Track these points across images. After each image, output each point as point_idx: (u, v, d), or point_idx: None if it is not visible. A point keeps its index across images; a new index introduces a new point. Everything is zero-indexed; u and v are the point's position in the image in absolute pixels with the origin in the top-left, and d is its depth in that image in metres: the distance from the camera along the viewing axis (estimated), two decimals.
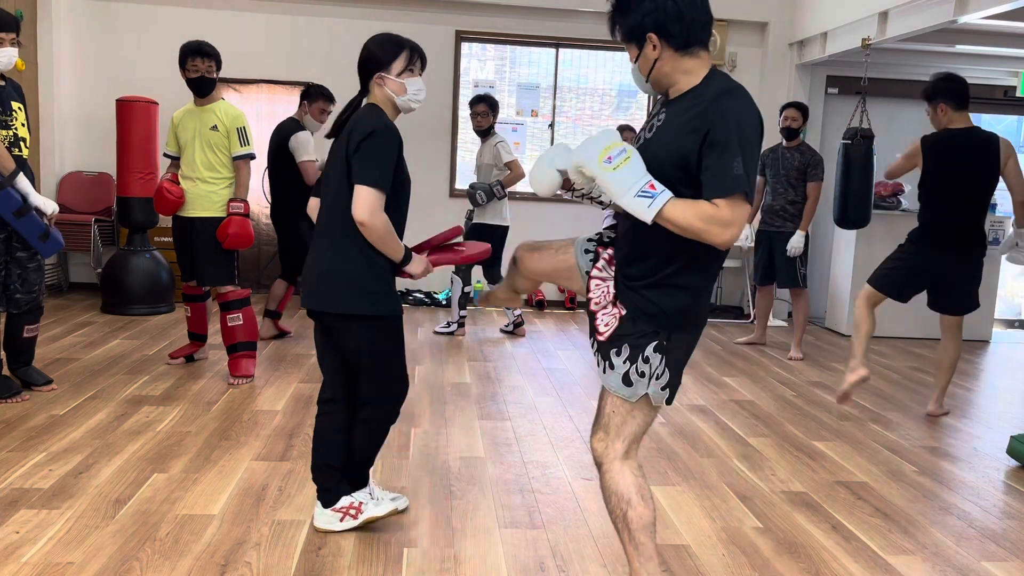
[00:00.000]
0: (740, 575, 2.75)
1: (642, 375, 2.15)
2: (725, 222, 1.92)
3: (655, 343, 2.13)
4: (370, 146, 2.63)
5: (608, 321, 2.19)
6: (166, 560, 2.63)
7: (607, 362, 2.19)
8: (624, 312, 2.16)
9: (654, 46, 2.02)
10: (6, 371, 4.29)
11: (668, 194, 1.94)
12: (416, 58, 2.78)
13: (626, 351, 2.15)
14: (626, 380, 2.16)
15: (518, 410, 4.51)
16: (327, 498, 2.89)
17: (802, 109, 6.24)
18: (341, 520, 2.87)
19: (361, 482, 2.96)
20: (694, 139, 1.96)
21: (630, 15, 2.04)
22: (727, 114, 1.95)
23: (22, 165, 4.11)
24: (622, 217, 2.18)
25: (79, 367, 4.88)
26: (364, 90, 2.80)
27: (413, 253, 2.81)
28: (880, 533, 3.12)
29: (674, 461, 3.81)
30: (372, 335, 2.75)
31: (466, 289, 6.44)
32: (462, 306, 6.46)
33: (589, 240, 2.37)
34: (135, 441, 3.69)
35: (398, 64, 2.73)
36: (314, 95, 5.75)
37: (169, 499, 3.09)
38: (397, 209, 2.78)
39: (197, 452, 3.59)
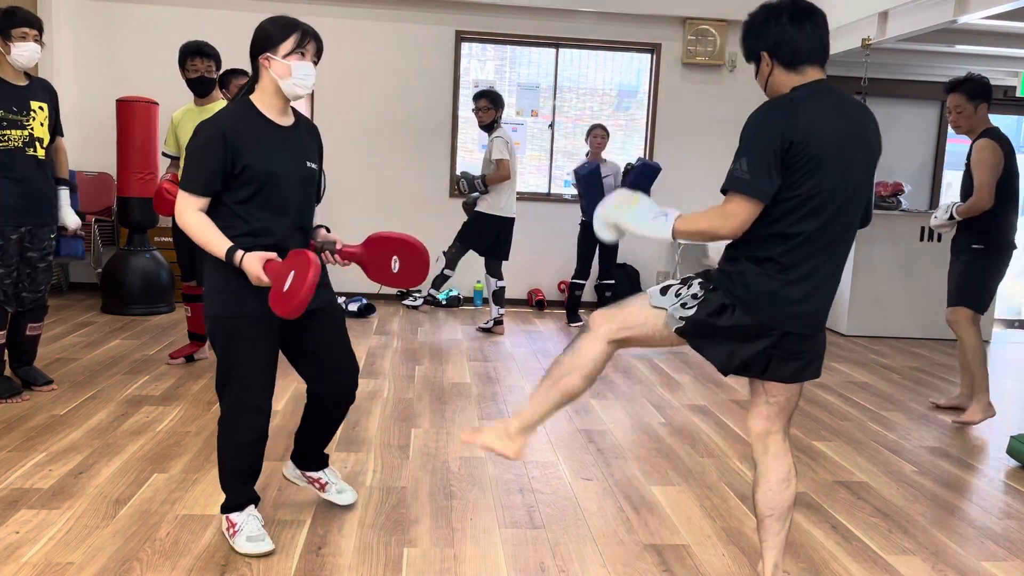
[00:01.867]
0: (740, 575, 2.75)
1: (677, 295, 2.35)
2: (724, 215, 2.21)
3: (704, 283, 2.34)
4: (188, 146, 2.61)
5: None
6: (166, 560, 2.63)
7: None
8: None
9: (767, 64, 2.34)
10: (8, 371, 4.29)
11: (675, 214, 2.30)
12: (308, 41, 2.58)
13: (679, 280, 2.42)
14: (663, 290, 2.40)
15: (518, 410, 4.50)
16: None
17: None
18: (226, 530, 2.77)
19: (235, 502, 2.78)
20: None
21: (747, 39, 2.41)
22: (746, 121, 2.26)
23: (38, 165, 4.12)
24: None
25: (79, 367, 4.88)
26: (254, 76, 2.64)
27: (244, 255, 2.49)
28: (880, 533, 3.13)
29: (674, 461, 3.81)
30: (209, 331, 2.68)
31: (500, 285, 6.52)
32: (498, 303, 6.55)
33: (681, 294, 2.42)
34: (135, 441, 3.69)
35: (287, 45, 2.55)
36: (226, 77, 5.38)
37: (169, 499, 3.09)
38: (259, 204, 2.58)
39: (197, 452, 3.59)
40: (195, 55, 4.62)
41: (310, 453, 3.07)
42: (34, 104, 4.11)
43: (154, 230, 6.90)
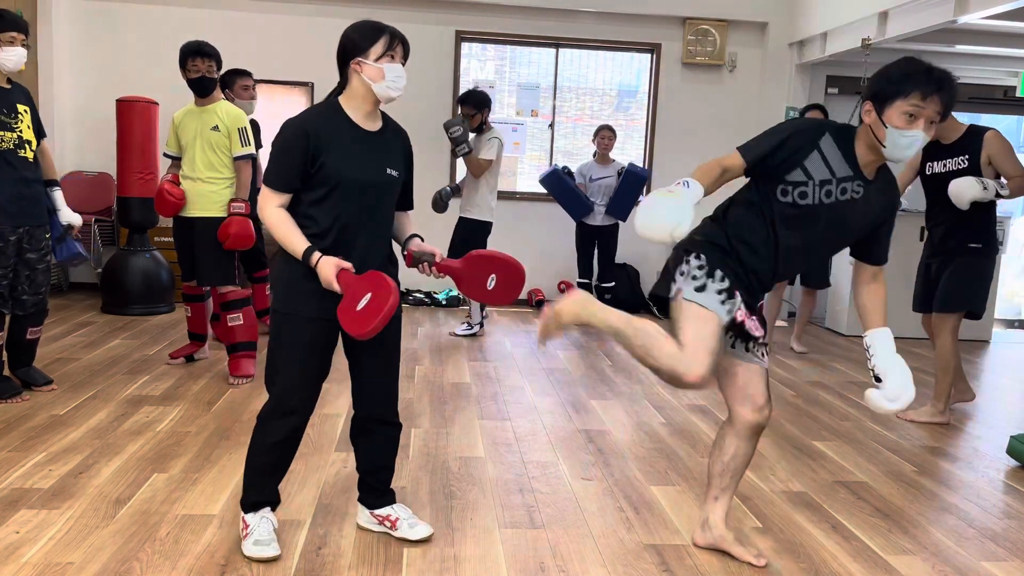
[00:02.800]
0: (740, 575, 2.75)
1: None
2: None
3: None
4: (273, 143, 2.62)
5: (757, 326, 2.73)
6: (166, 560, 2.63)
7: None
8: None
9: None
10: (7, 371, 4.29)
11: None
12: (396, 44, 2.60)
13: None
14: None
15: (518, 410, 4.51)
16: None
17: (824, 111, 6.20)
18: (242, 531, 2.75)
19: (252, 499, 2.75)
20: None
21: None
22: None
23: (31, 167, 4.12)
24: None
25: (79, 367, 4.88)
26: (343, 81, 2.67)
27: (321, 258, 2.51)
28: (880, 533, 3.13)
29: (674, 461, 3.81)
30: (270, 322, 2.71)
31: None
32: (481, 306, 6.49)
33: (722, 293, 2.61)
34: (135, 441, 3.69)
35: (376, 49, 2.57)
36: (230, 77, 5.52)
37: (169, 499, 3.09)
38: (330, 207, 2.58)
39: (197, 452, 3.60)
40: (196, 55, 4.62)
41: (369, 483, 2.89)
42: (20, 107, 4.12)
43: (154, 230, 6.90)
